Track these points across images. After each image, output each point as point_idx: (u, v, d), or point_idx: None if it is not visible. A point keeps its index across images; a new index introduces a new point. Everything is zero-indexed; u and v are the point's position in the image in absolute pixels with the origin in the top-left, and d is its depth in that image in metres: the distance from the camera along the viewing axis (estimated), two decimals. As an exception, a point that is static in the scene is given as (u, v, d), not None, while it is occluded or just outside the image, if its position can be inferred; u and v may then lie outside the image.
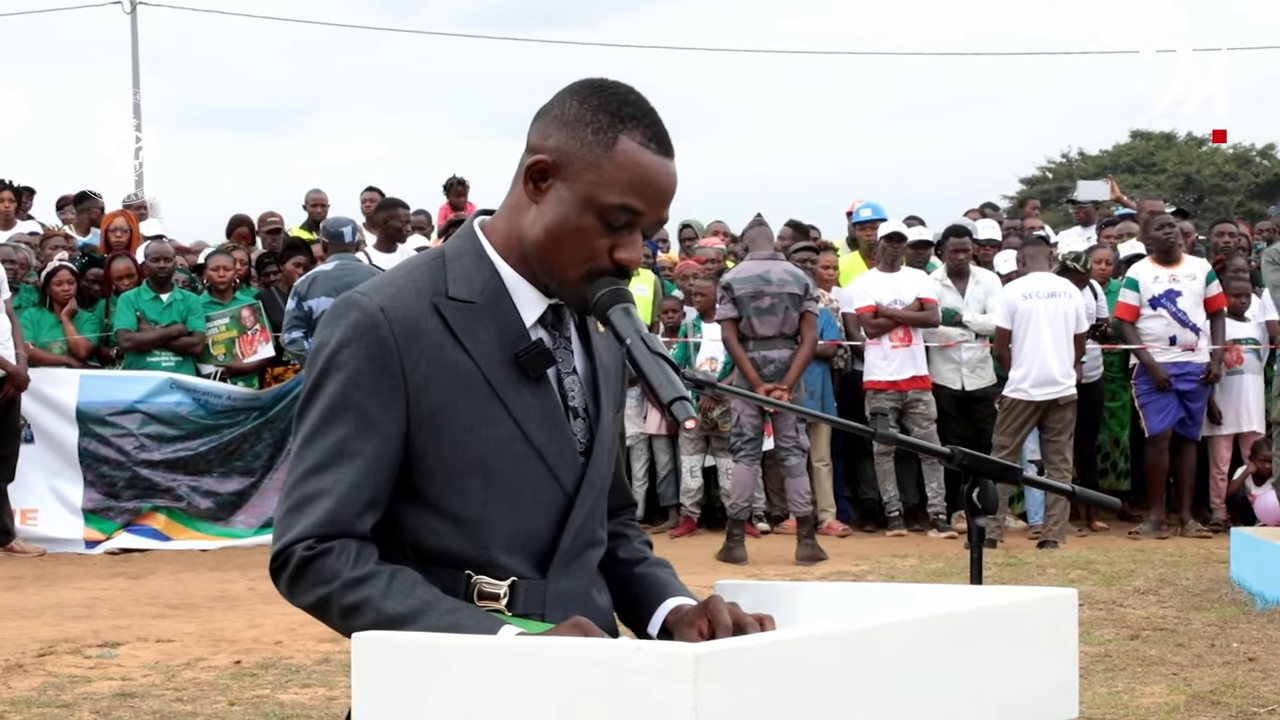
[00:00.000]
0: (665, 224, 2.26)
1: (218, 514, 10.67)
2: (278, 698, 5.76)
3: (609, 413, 2.33)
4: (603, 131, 2.17)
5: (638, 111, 2.19)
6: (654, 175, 2.18)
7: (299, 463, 2.18)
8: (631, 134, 2.17)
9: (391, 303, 2.18)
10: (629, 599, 2.38)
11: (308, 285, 10.07)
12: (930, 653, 1.94)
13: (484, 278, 2.24)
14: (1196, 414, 10.86)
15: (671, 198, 2.23)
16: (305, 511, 2.15)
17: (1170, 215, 11.21)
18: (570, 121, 2.19)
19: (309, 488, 2.16)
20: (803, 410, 2.68)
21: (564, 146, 2.19)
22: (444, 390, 2.18)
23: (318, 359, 2.20)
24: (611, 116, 2.18)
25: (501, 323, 2.22)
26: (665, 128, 2.22)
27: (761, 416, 9.76)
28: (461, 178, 14.64)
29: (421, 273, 2.24)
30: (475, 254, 2.26)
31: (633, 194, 2.16)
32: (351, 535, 2.15)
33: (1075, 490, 2.84)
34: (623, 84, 2.24)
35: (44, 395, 10.49)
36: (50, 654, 6.58)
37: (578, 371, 2.30)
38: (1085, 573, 8.61)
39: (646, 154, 2.17)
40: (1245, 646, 6.48)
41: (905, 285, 11.13)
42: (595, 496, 2.30)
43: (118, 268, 11.29)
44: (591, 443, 2.29)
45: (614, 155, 2.16)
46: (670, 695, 1.61)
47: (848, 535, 11.03)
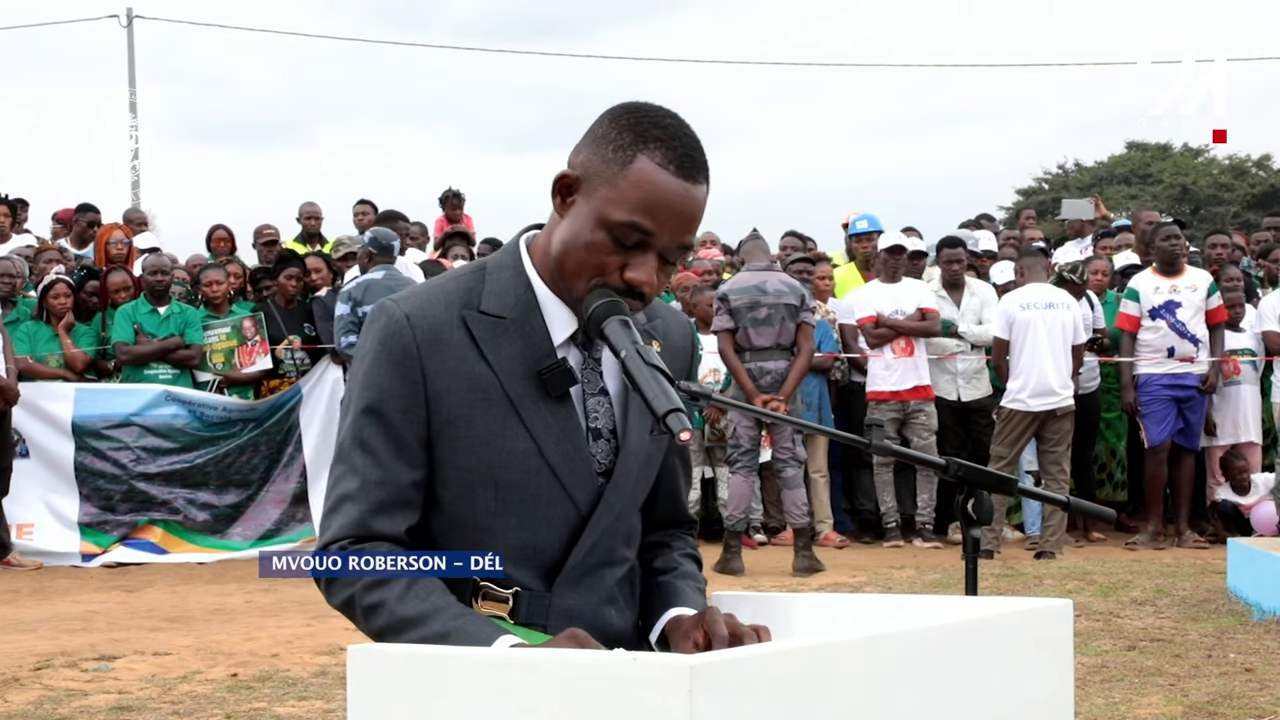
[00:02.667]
0: (689, 250, 2.26)
1: (214, 527, 10.66)
2: (275, 710, 5.75)
3: (640, 434, 2.32)
4: (623, 150, 2.18)
5: (665, 134, 2.19)
6: (668, 197, 2.16)
7: (337, 463, 2.26)
8: (651, 154, 2.17)
9: (419, 311, 2.23)
10: (646, 607, 2.40)
11: (363, 291, 10.17)
12: (926, 664, 1.94)
13: (518, 293, 2.26)
14: (1195, 424, 10.86)
15: (692, 222, 2.20)
16: (340, 512, 2.22)
17: (1175, 226, 11.23)
18: (598, 139, 2.22)
19: (342, 489, 2.23)
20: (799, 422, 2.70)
21: (588, 163, 2.21)
22: (463, 400, 2.21)
23: (353, 365, 2.30)
24: (635, 136, 2.18)
25: (529, 339, 2.25)
26: (697, 153, 2.19)
27: (758, 428, 9.76)
28: (457, 190, 14.61)
29: (458, 284, 2.28)
30: (514, 269, 2.29)
31: (643, 213, 2.16)
32: (382, 537, 2.20)
33: (1071, 501, 2.84)
34: (662, 108, 2.24)
35: (40, 410, 10.48)
36: (47, 667, 6.57)
37: (609, 393, 2.31)
38: (1082, 583, 8.61)
39: (663, 175, 2.16)
40: (1242, 657, 6.47)
41: (906, 296, 11.14)
42: (615, 517, 2.31)
43: (114, 280, 11.28)
44: (615, 464, 2.30)
45: (629, 173, 2.17)
46: (665, 707, 1.61)
47: (845, 547, 11.02)
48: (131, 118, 27.43)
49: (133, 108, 27.70)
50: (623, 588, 2.36)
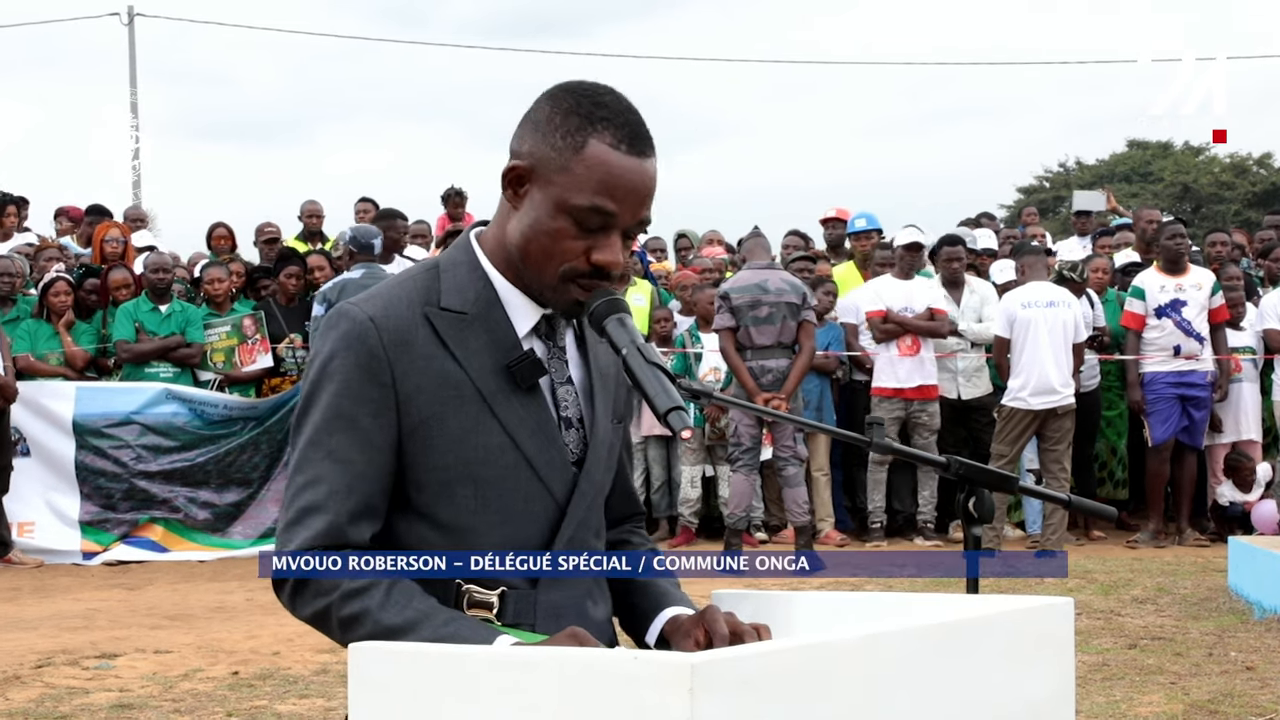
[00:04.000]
0: (647, 224, 2.24)
1: (215, 525, 10.67)
2: (275, 708, 5.75)
3: (605, 422, 2.34)
4: (572, 135, 2.17)
5: (610, 113, 2.18)
6: (625, 176, 2.16)
7: (297, 474, 2.19)
8: (601, 135, 2.16)
9: (382, 313, 2.19)
10: (628, 607, 2.38)
11: (337, 292, 10.03)
12: (927, 662, 1.94)
13: (477, 288, 2.24)
14: (1200, 422, 10.86)
15: (648, 197, 2.21)
16: (304, 524, 2.15)
17: (1180, 225, 11.24)
18: (542, 125, 2.19)
19: (306, 500, 2.16)
20: (800, 420, 2.70)
21: (536, 151, 2.19)
22: (434, 400, 2.19)
23: (311, 370, 2.22)
24: (581, 119, 2.17)
25: (493, 333, 2.23)
26: (642, 127, 2.20)
27: (759, 426, 9.76)
28: (459, 188, 14.60)
29: (415, 283, 2.25)
30: (469, 264, 2.27)
31: (604, 195, 2.15)
32: (349, 546, 2.15)
33: (1071, 499, 2.84)
34: (599, 85, 2.23)
35: (40, 408, 10.48)
36: (48, 665, 6.57)
37: (574, 381, 2.31)
38: (1083, 582, 8.61)
39: (615, 154, 2.16)
40: (1243, 655, 6.48)
41: (917, 294, 11.12)
42: (588, 507, 2.30)
43: (115, 278, 11.28)
44: (585, 453, 2.29)
45: (583, 157, 2.16)
46: (666, 705, 1.61)
47: (846, 545, 11.02)
48: (132, 118, 27.47)
49: (134, 108, 27.73)
50: (598, 579, 2.35)
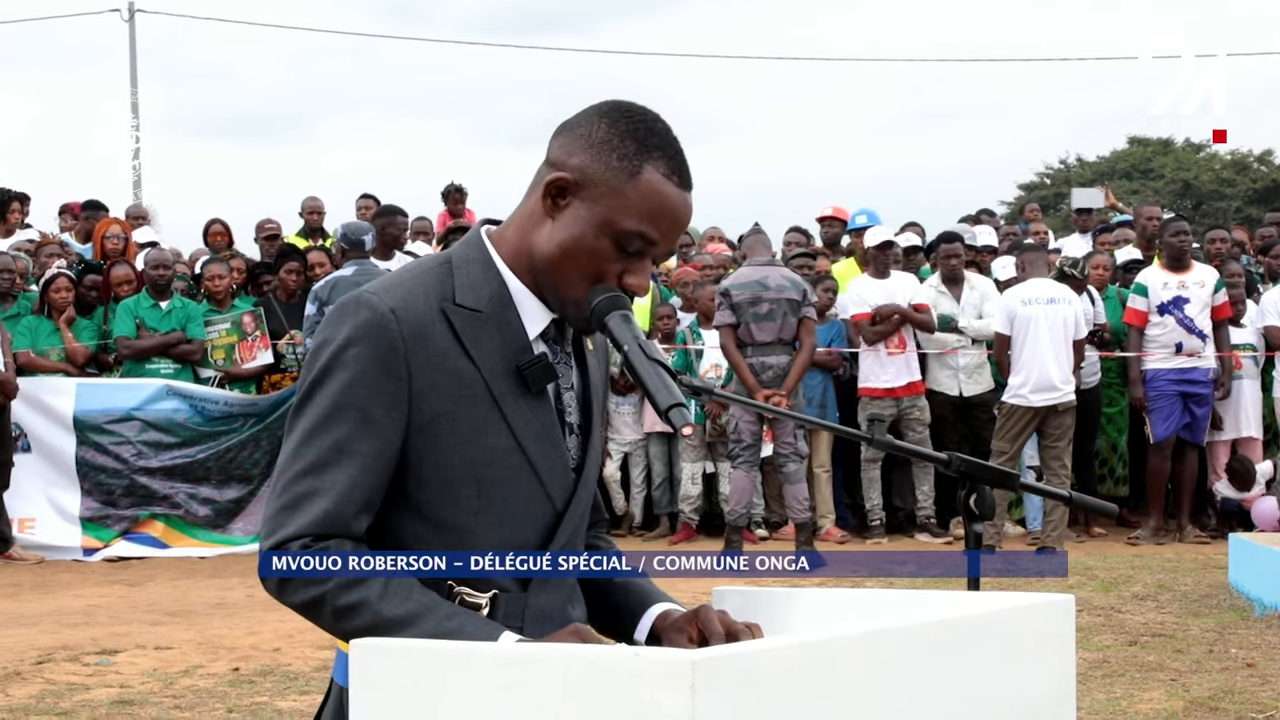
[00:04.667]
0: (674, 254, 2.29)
1: (216, 521, 10.67)
2: (276, 705, 5.76)
3: (600, 430, 2.36)
4: (628, 159, 2.18)
5: (663, 142, 2.21)
6: (673, 208, 2.20)
7: (295, 459, 2.15)
8: (656, 164, 2.19)
9: (402, 305, 2.17)
10: (609, 608, 2.37)
11: (329, 290, 10.04)
12: (928, 659, 1.94)
13: (491, 287, 2.24)
14: (1202, 419, 10.86)
15: (684, 230, 2.30)
16: (301, 509, 2.12)
17: (1184, 222, 11.24)
18: (597, 144, 2.20)
19: (305, 485, 2.13)
20: (801, 416, 2.70)
21: (587, 167, 2.20)
22: (447, 397, 2.17)
23: (320, 356, 2.17)
24: (638, 145, 2.19)
25: (505, 333, 2.22)
26: (686, 162, 2.24)
27: (760, 423, 9.76)
28: (460, 185, 14.61)
29: (430, 277, 2.23)
30: (482, 262, 2.26)
31: (650, 223, 2.18)
32: (347, 536, 2.14)
33: (1072, 496, 2.84)
34: (650, 111, 2.26)
35: (41, 404, 10.48)
36: (49, 661, 6.58)
37: (575, 388, 2.32)
38: (1084, 578, 8.61)
39: (668, 186, 2.19)
40: (1244, 652, 6.48)
41: (898, 290, 11.14)
42: (581, 513, 2.31)
43: (116, 275, 11.28)
44: (583, 459, 2.30)
45: (637, 183, 2.18)
46: (667, 702, 1.61)
47: (846, 542, 11.03)
48: (133, 117, 27.46)
49: (134, 107, 27.73)
50: (575, 584, 2.35)
